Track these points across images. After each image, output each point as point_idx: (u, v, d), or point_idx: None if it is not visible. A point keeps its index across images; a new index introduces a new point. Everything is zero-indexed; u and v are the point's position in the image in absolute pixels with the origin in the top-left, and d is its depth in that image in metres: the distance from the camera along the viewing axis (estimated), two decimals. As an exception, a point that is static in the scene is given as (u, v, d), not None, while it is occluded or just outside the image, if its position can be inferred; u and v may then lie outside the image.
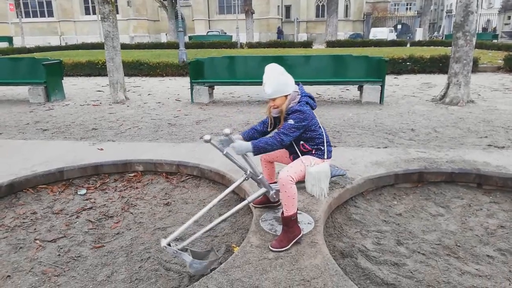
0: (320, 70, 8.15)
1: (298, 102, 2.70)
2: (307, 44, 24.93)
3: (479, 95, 8.55)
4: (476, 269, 2.62)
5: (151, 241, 3.03)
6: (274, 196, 2.92)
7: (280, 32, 39.27)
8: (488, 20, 48.28)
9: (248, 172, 2.73)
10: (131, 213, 3.51)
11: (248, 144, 2.57)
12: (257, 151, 2.58)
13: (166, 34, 38.16)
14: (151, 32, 44.84)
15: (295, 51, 19.01)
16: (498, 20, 46.77)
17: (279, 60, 8.22)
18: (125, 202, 3.71)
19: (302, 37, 42.30)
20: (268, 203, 3.18)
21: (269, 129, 2.90)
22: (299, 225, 2.73)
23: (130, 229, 3.23)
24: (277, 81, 2.64)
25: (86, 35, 42.26)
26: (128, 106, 7.94)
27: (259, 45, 25.29)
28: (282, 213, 2.69)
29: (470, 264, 2.68)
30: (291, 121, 2.62)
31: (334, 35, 30.03)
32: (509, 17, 45.30)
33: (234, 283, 2.24)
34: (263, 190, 2.84)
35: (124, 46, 26.29)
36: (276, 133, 2.64)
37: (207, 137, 2.54)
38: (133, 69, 13.00)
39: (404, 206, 3.55)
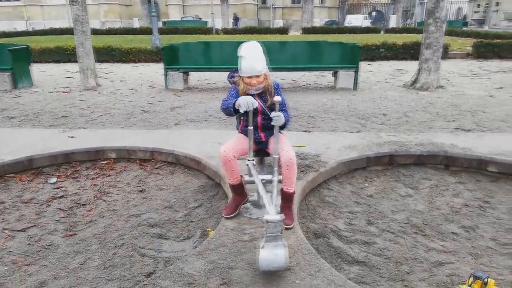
0: (296, 56, 8.18)
1: None
2: (283, 31, 24.87)
3: (448, 80, 8.82)
4: (442, 246, 2.75)
5: (125, 228, 3.01)
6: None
7: (236, 19, 38.01)
8: (459, 8, 49.47)
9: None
10: (104, 200, 3.46)
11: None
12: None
13: (138, 20, 37.10)
14: (123, 17, 43.49)
15: (271, 38, 18.94)
16: (468, 8, 48.00)
17: (254, 45, 8.16)
18: (97, 190, 3.65)
19: (278, 23, 42.09)
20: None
21: None
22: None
23: (103, 217, 3.19)
24: (263, 57, 2.69)
25: (55, 20, 40.57)
26: (99, 93, 7.74)
27: (234, 31, 25.04)
28: (285, 191, 2.73)
29: (436, 241, 2.81)
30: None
31: (310, 22, 30.06)
32: (478, 5, 46.57)
33: (209, 265, 2.26)
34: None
35: (94, 32, 25.39)
36: (285, 111, 2.69)
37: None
38: (105, 55, 12.64)
39: (375, 188, 3.66)
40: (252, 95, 2.71)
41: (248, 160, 2.77)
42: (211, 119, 5.60)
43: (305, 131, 4.97)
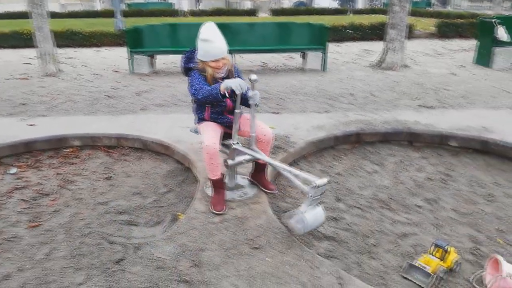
0: (265, 38, 8.10)
1: None
2: (252, 12, 24.56)
3: (413, 60, 9.03)
4: (406, 218, 2.86)
5: (92, 216, 2.94)
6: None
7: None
8: (423, -11, 50.42)
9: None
10: (69, 189, 3.35)
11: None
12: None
13: (100, 2, 35.54)
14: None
15: (239, 19, 18.66)
16: (432, -12, 48.98)
17: (223, 27, 7.90)
18: (62, 179, 3.53)
19: (247, 5, 41.44)
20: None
21: None
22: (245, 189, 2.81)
23: (68, 206, 3.09)
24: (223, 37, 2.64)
25: (9, 3, 38.16)
26: (61, 78, 7.40)
27: (202, 13, 24.49)
28: (262, 163, 2.85)
29: (401, 214, 2.92)
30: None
31: (278, 3, 29.83)
32: (441, -14, 47.59)
33: (179, 248, 2.25)
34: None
35: (54, 15, 24.10)
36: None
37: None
38: (65, 39, 12.04)
39: (343, 166, 3.73)
40: (222, 78, 2.69)
41: (234, 144, 2.72)
42: (180, 103, 5.49)
43: (275, 112, 4.98)
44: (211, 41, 2.57)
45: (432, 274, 2.12)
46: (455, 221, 2.82)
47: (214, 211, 2.66)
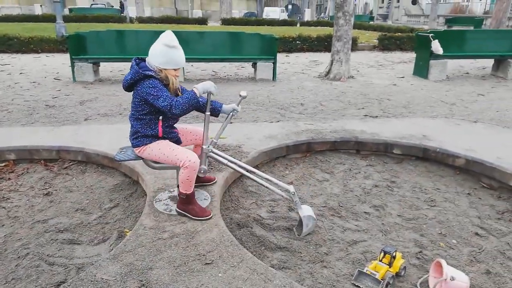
0: (216, 47, 8.07)
1: None
2: (202, 21, 24.50)
3: (358, 71, 9.45)
4: (356, 225, 2.93)
5: (29, 236, 2.70)
6: None
7: (122, 6, 34.99)
8: (366, 3, 53.38)
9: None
10: (4, 207, 3.07)
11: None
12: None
13: (41, 6, 33.62)
14: (23, 3, 38.99)
15: (189, 28, 18.50)
16: (374, 3, 51.99)
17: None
18: (-6, 196, 3.22)
19: (197, 13, 41.32)
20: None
21: None
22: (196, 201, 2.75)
23: (2, 225, 2.82)
24: None
25: None
26: (-6, 87, 6.84)
27: (151, 20, 23.98)
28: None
29: (350, 221, 2.99)
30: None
31: (229, 13, 29.97)
32: (382, 1, 50.64)
33: (125, 268, 2.12)
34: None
35: (-13, 18, 22.49)
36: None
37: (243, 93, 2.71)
38: (0, 45, 11.21)
39: (295, 175, 3.77)
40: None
41: (207, 147, 2.70)
42: (126, 113, 5.28)
43: (226, 122, 4.94)
44: (178, 48, 2.49)
45: (381, 280, 2.17)
46: (401, 226, 2.94)
47: (205, 217, 2.62)
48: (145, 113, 2.55)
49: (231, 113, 2.77)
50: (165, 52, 2.46)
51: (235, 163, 2.81)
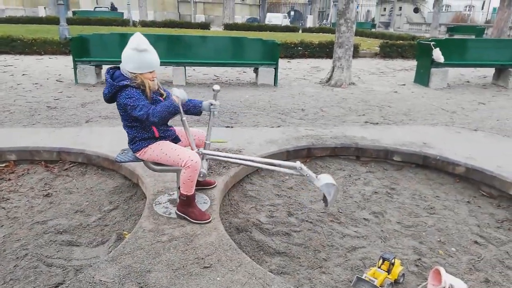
0: (218, 52, 8.10)
1: None
2: (205, 26, 24.58)
3: (359, 78, 9.48)
4: (355, 231, 2.93)
5: (28, 236, 2.70)
6: None
7: (113, 8, 34.96)
8: (368, 11, 53.62)
9: None
10: (3, 208, 3.07)
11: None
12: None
13: (45, 8, 33.79)
14: (27, 5, 39.20)
15: (192, 32, 18.59)
16: (376, 11, 52.25)
17: (176, 39, 7.93)
18: (-6, 196, 3.23)
19: (200, 18, 41.50)
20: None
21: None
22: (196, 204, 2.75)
23: (2, 226, 2.83)
24: None
25: None
26: (-3, 87, 6.87)
27: (153, 24, 24.08)
28: None
29: (350, 228, 2.98)
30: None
31: (231, 18, 30.11)
32: (384, 9, 50.89)
33: (124, 270, 2.12)
34: None
35: (-9, 19, 22.60)
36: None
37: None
38: (3, 45, 11.27)
39: (295, 180, 3.78)
40: (157, 90, 2.65)
41: (197, 150, 2.71)
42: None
43: (228, 126, 4.96)
44: (148, 51, 2.45)
45: (380, 287, 2.17)
46: (400, 233, 2.94)
47: (204, 221, 2.61)
48: (134, 120, 2.57)
49: (211, 111, 2.72)
50: (135, 57, 2.42)
51: (232, 157, 2.79)
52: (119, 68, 2.56)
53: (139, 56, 2.42)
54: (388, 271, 2.26)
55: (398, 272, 2.29)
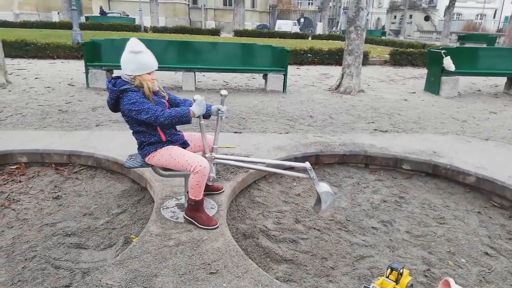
0: (228, 58, 8.15)
1: None
2: (215, 32, 24.79)
3: (368, 85, 9.44)
4: (363, 240, 2.90)
5: (37, 238, 2.73)
6: None
7: (102, 13, 34.88)
8: (378, 18, 53.55)
9: None
10: (13, 209, 3.11)
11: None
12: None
13: (58, 13, 34.39)
14: (41, 10, 39.99)
15: (203, 38, 18.76)
16: (386, 19, 52.17)
17: (186, 45, 8.00)
18: (5, 197, 3.27)
19: (210, 24, 41.88)
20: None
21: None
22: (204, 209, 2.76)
23: (11, 227, 2.86)
24: None
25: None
26: (10, 90, 6.98)
27: (164, 30, 24.36)
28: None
29: (358, 236, 2.96)
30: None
31: (241, 25, 30.31)
32: (395, 17, 50.81)
33: (130, 274, 2.12)
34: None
35: (6, 24, 23.06)
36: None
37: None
38: (17, 49, 11.48)
39: (302, 187, 3.76)
40: (156, 91, 2.66)
41: (209, 154, 2.75)
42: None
43: (236, 132, 4.97)
44: (144, 52, 2.51)
45: (388, 296, 2.14)
46: (409, 243, 2.90)
47: (211, 226, 2.61)
48: (140, 125, 2.59)
49: (218, 116, 2.74)
50: (133, 59, 2.48)
51: (242, 161, 2.82)
52: (120, 77, 2.61)
53: (135, 58, 2.48)
54: (397, 281, 2.22)
55: (406, 283, 2.26)
